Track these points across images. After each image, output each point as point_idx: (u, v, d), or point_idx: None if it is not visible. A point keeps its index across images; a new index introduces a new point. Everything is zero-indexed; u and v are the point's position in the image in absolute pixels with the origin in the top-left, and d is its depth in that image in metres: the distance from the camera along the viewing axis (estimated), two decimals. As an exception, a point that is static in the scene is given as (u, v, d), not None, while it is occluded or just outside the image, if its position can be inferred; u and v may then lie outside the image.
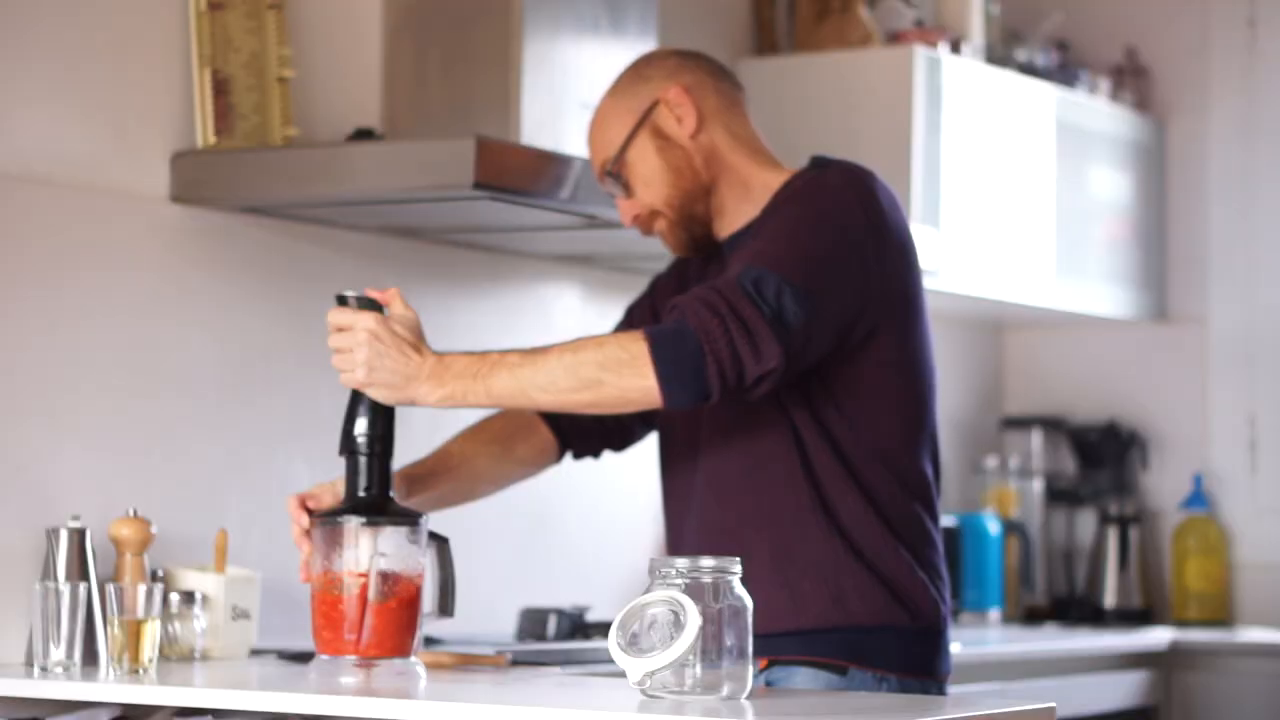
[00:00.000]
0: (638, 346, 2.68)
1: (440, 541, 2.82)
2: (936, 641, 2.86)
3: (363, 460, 2.75)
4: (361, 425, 2.75)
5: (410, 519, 2.72)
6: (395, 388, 2.73)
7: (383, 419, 2.75)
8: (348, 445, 2.75)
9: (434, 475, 3.01)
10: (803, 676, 2.77)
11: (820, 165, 2.90)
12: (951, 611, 4.76)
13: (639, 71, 2.98)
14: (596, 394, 2.70)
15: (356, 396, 2.76)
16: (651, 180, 2.93)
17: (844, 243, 2.77)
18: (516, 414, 3.08)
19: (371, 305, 2.76)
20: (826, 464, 2.81)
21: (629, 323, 3.13)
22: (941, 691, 2.86)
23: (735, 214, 2.93)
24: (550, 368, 2.70)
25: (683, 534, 2.92)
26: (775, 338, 2.66)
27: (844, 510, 2.81)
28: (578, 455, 3.16)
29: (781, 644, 2.79)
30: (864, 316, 2.79)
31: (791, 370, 2.71)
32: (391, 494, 2.76)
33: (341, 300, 2.77)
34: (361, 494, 2.74)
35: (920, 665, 2.83)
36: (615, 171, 2.94)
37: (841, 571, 2.79)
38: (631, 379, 2.68)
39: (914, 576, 2.82)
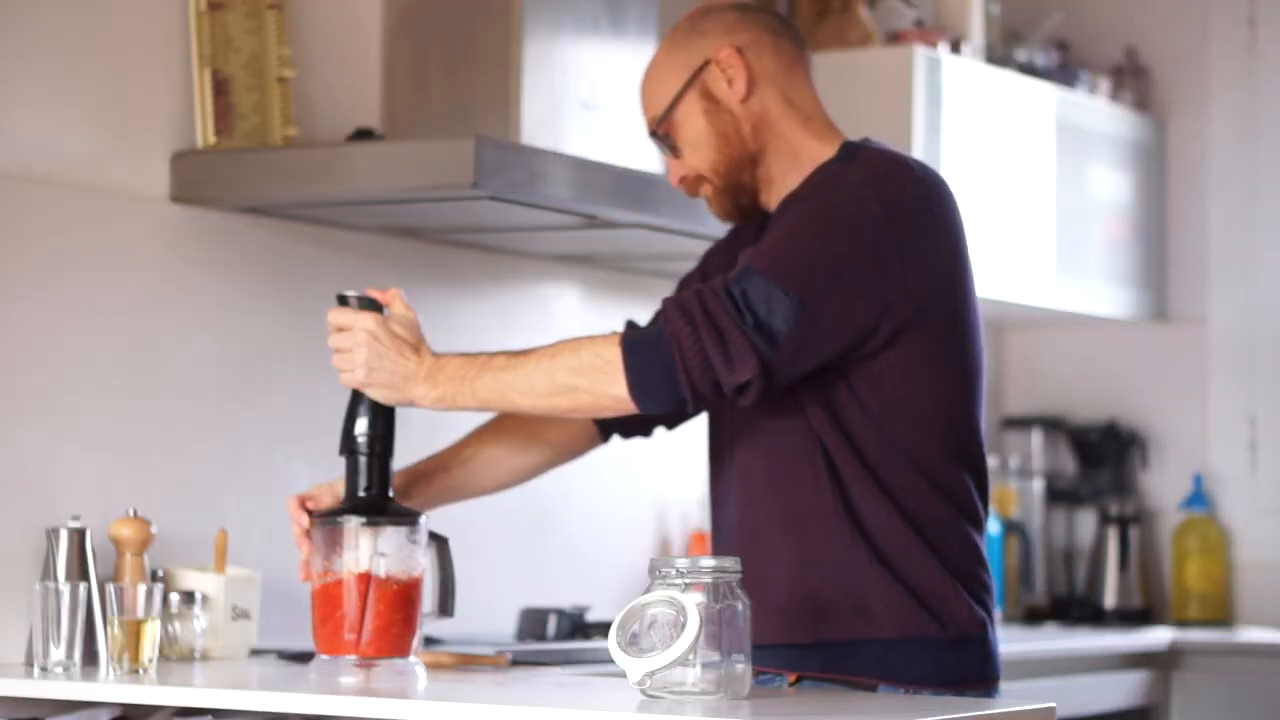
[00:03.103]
0: (612, 353, 2.63)
1: (440, 541, 2.82)
2: (976, 649, 2.75)
3: (363, 460, 2.75)
4: (361, 425, 2.75)
5: (410, 519, 2.72)
6: (394, 388, 2.72)
7: (383, 419, 2.75)
8: (348, 445, 2.75)
9: (444, 469, 2.98)
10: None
11: (847, 156, 2.77)
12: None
13: (695, 25, 2.86)
14: (572, 400, 2.67)
15: (356, 396, 2.76)
16: (697, 144, 2.82)
17: (856, 245, 2.66)
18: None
19: (372, 305, 2.76)
20: (851, 466, 2.71)
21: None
22: (990, 699, 2.75)
23: (783, 185, 2.81)
24: (529, 372, 2.67)
25: (719, 530, 2.85)
26: (752, 348, 2.59)
27: (870, 515, 2.70)
28: (626, 435, 3.05)
29: (807, 657, 2.71)
30: (887, 317, 2.67)
31: (779, 380, 2.63)
32: (391, 494, 2.76)
33: (342, 300, 2.77)
34: (361, 494, 2.74)
35: (957, 677, 2.73)
36: (663, 132, 2.84)
37: (866, 580, 2.69)
38: (605, 386, 2.64)
39: (945, 583, 2.71)
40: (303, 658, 3.01)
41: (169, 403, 3.31)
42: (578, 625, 3.66)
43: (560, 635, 3.63)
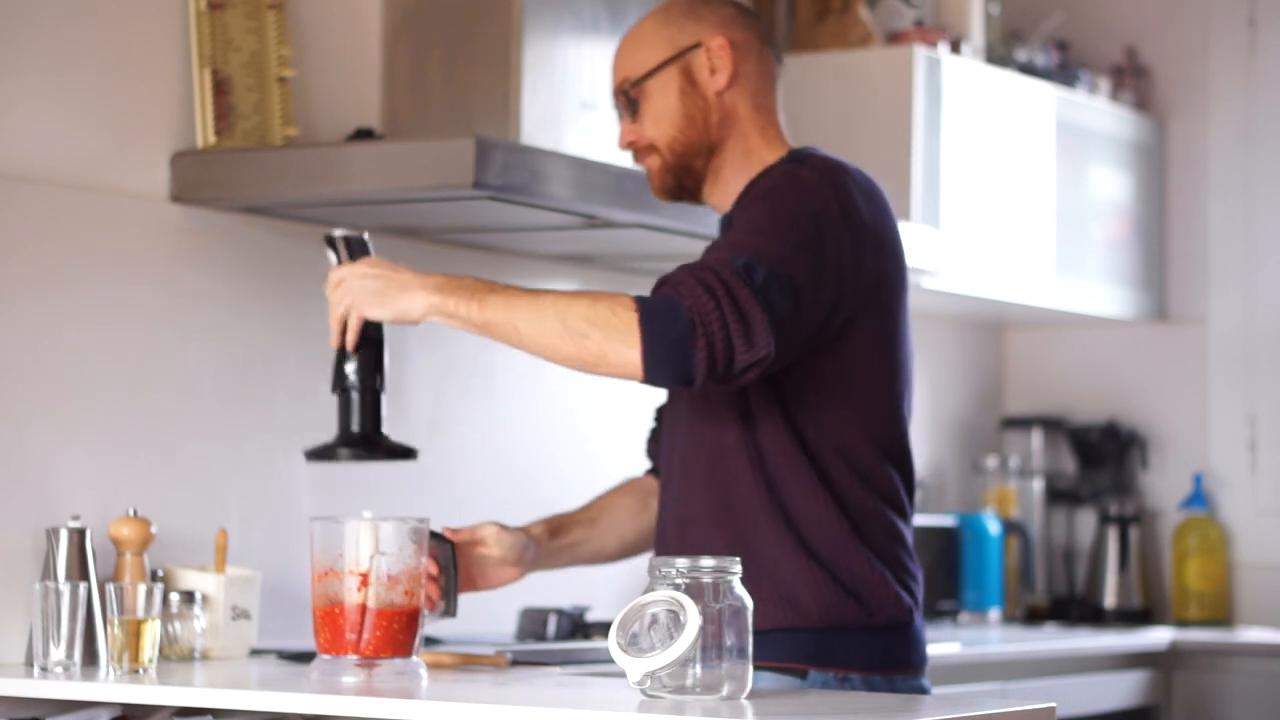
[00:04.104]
0: (628, 315, 2.61)
1: (442, 541, 2.82)
2: (902, 635, 2.81)
3: (354, 396, 2.75)
4: (351, 363, 2.75)
5: (408, 454, 2.73)
6: (385, 296, 2.72)
7: (373, 355, 2.76)
8: (339, 382, 2.75)
9: (576, 523, 3.04)
10: (764, 681, 2.73)
11: (799, 159, 2.83)
12: (953, 611, 4.77)
13: (693, 7, 2.91)
14: (579, 347, 2.63)
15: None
16: (662, 118, 2.88)
17: (821, 238, 2.72)
18: (646, 479, 3.08)
19: (361, 246, 2.77)
20: (785, 460, 2.77)
21: None
22: (917, 683, 2.82)
23: (729, 182, 2.89)
24: (542, 307, 2.66)
25: (663, 525, 2.90)
26: (768, 326, 2.60)
27: (801, 507, 2.76)
28: None
29: None
30: (839, 311, 2.74)
31: (779, 361, 2.65)
32: (384, 431, 2.76)
33: (329, 241, 2.78)
34: (355, 429, 2.74)
35: (885, 662, 2.78)
36: (632, 95, 2.90)
37: (794, 571, 2.74)
38: (617, 344, 2.61)
39: (873, 572, 2.77)
40: (303, 658, 3.01)
41: (169, 403, 3.31)
42: (578, 625, 3.66)
43: (560, 635, 3.63)
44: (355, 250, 2.79)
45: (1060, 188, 4.85)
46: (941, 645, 4.06)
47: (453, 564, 2.83)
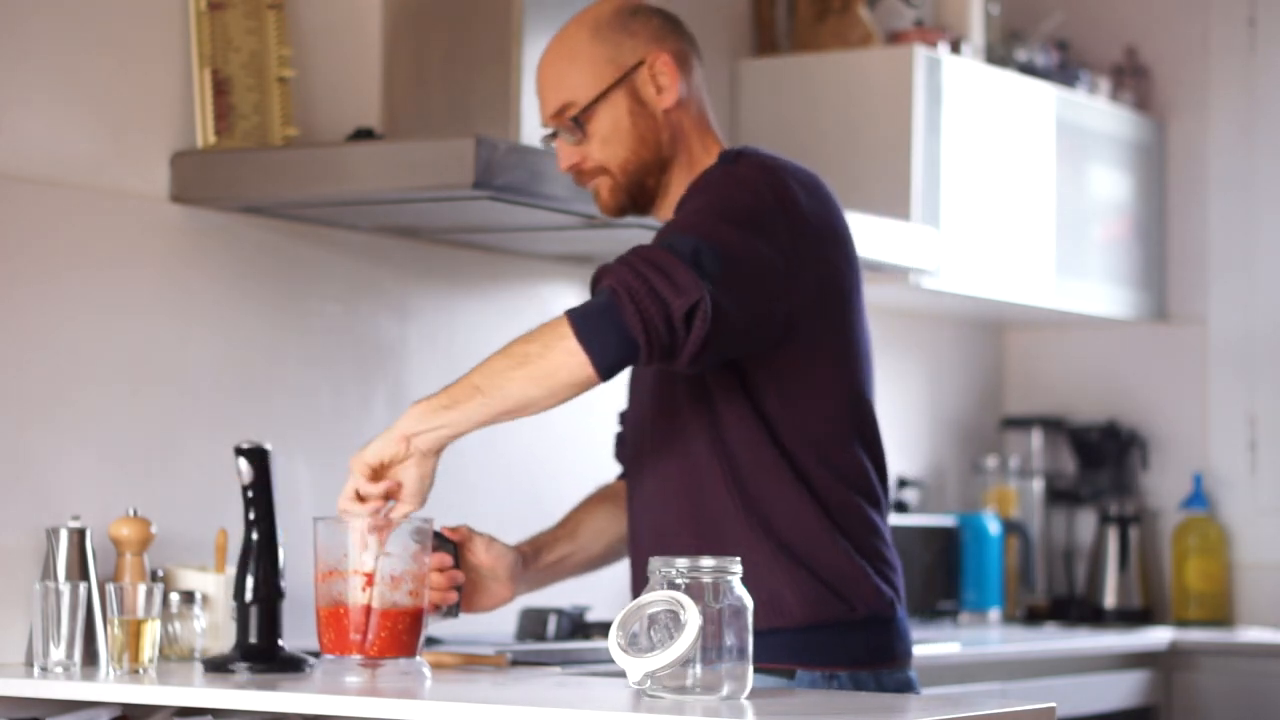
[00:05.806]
0: (558, 320, 2.61)
1: (446, 543, 2.82)
2: (885, 628, 2.80)
3: (254, 610, 2.82)
4: (253, 577, 2.82)
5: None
6: (416, 417, 2.69)
7: (273, 565, 2.83)
8: (240, 594, 2.83)
9: (557, 540, 3.01)
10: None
11: (731, 159, 2.82)
12: (953, 611, 4.77)
13: (624, 21, 2.87)
14: (528, 368, 2.60)
15: (247, 551, 2.83)
16: (611, 140, 2.85)
17: (759, 228, 2.70)
18: (618, 484, 3.05)
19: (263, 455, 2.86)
20: (754, 461, 2.75)
21: None
22: (904, 676, 2.81)
23: (675, 196, 2.86)
24: (485, 360, 2.65)
25: (636, 531, 2.89)
26: (692, 272, 2.57)
27: (774, 507, 2.75)
28: None
29: None
30: (783, 300, 2.72)
31: (721, 327, 2.59)
32: (280, 642, 2.83)
33: (237, 451, 2.89)
34: (253, 641, 2.82)
35: (870, 656, 2.78)
36: (584, 119, 2.85)
37: (773, 571, 2.73)
38: (555, 345, 2.58)
39: (852, 565, 2.76)
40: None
41: (169, 403, 3.31)
42: (578, 625, 3.66)
43: (560, 635, 3.63)
44: (259, 459, 2.87)
45: (1060, 188, 4.85)
46: (941, 645, 4.06)
47: (456, 564, 2.83)
